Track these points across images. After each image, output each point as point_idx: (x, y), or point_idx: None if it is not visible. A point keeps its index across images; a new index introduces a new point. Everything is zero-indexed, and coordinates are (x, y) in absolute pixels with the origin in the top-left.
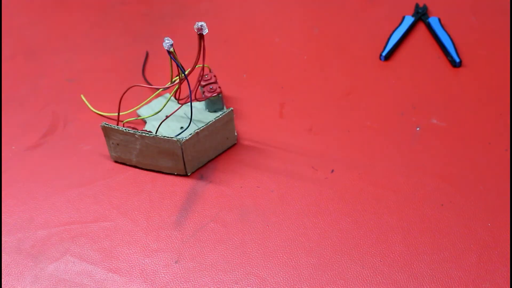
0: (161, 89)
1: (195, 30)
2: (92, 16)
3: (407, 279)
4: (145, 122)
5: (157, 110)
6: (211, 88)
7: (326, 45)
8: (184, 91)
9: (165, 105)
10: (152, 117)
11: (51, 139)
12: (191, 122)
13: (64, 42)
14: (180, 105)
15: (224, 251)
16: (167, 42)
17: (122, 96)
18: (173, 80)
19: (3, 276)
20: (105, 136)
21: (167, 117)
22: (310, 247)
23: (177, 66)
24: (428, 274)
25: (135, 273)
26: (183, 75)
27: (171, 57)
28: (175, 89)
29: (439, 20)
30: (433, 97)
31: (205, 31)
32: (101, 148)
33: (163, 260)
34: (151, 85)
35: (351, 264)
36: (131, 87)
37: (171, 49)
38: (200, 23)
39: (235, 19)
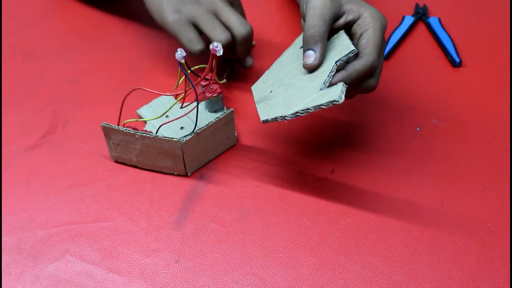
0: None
1: (210, 49)
2: (92, 16)
3: (407, 279)
4: (145, 122)
5: (156, 110)
6: (212, 89)
7: None
8: (189, 98)
9: (169, 109)
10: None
11: (51, 139)
12: (196, 126)
13: (64, 42)
14: (181, 109)
15: (224, 251)
16: (180, 54)
17: (124, 99)
18: (176, 88)
19: (3, 276)
20: (105, 136)
21: (170, 121)
22: (310, 247)
23: (186, 76)
24: (428, 274)
25: (135, 273)
26: (191, 84)
27: (181, 68)
28: (181, 96)
29: (439, 20)
30: (433, 97)
31: (219, 53)
32: (101, 148)
33: (163, 260)
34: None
35: (351, 264)
36: (133, 90)
37: (182, 61)
38: (216, 44)
39: None
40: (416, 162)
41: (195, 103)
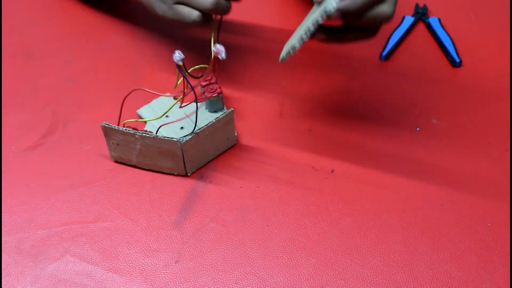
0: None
1: (213, 52)
2: (92, 16)
3: (407, 279)
4: (145, 122)
5: (156, 110)
6: (212, 88)
7: (326, 45)
8: (188, 98)
9: (169, 109)
10: (152, 116)
11: (51, 139)
12: (195, 127)
13: (64, 42)
14: (181, 110)
15: (224, 251)
16: (178, 56)
17: (124, 99)
18: (175, 88)
19: (3, 276)
20: (105, 136)
21: (170, 122)
22: (310, 247)
23: (184, 78)
24: (428, 274)
25: (135, 273)
26: (189, 86)
27: (179, 70)
28: (180, 97)
29: (439, 20)
30: (433, 97)
31: (222, 56)
32: (101, 148)
33: (163, 260)
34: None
35: (351, 264)
36: (133, 90)
37: (180, 63)
38: (219, 46)
39: (235, 19)
40: (416, 162)
41: (194, 103)
